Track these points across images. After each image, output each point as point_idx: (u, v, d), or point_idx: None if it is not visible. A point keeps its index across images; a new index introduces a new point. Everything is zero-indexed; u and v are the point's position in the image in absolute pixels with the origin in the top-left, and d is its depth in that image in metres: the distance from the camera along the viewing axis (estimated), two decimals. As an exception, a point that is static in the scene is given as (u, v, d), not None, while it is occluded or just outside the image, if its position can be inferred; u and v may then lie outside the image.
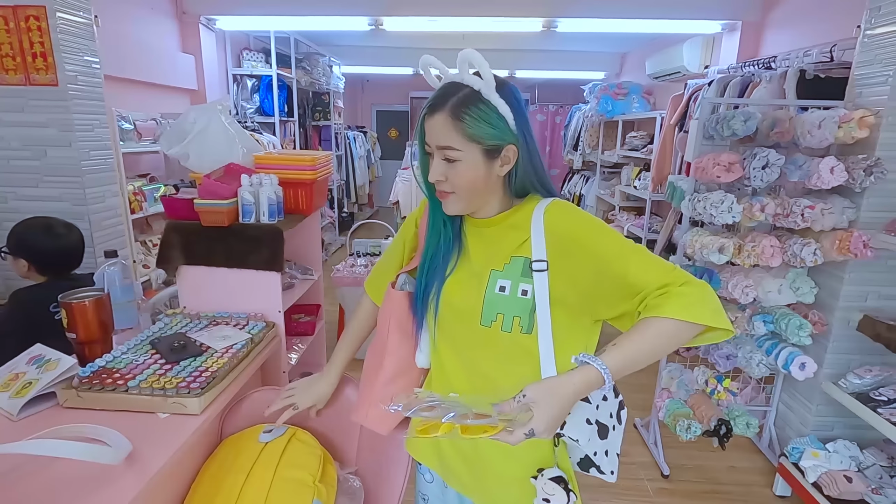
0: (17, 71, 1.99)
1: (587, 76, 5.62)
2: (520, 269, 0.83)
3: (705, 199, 1.94)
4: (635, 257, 0.76)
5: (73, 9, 2.03)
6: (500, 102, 0.77)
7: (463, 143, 0.78)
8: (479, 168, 0.80)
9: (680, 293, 0.72)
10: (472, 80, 0.77)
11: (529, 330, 0.82)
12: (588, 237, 0.79)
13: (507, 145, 0.80)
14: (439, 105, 0.78)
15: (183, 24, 3.57)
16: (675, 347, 0.75)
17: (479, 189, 0.82)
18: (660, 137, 3.56)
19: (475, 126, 0.77)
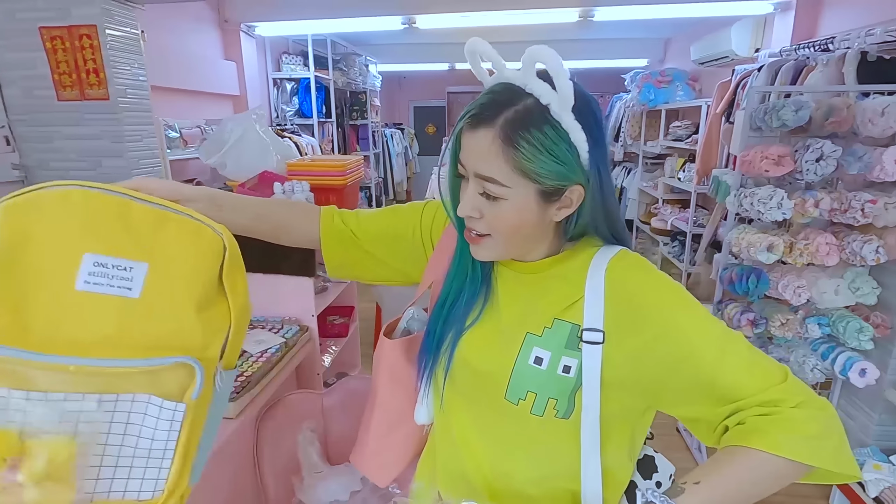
0: (73, 87, 2.12)
1: (628, 64, 5.41)
2: (564, 339, 0.62)
3: (752, 194, 1.83)
4: (733, 353, 0.57)
5: (121, 25, 2.14)
6: (573, 127, 0.55)
7: (512, 177, 0.57)
8: (528, 212, 0.59)
9: (792, 419, 0.54)
10: (540, 88, 0.55)
11: (567, 414, 0.62)
12: (669, 314, 0.59)
13: (572, 186, 0.59)
14: (487, 117, 0.56)
15: (225, 33, 3.70)
16: (776, 489, 0.55)
17: (524, 235, 0.63)
18: (705, 127, 3.39)
19: (534, 157, 0.55)
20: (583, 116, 0.56)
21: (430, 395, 0.76)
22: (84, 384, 0.49)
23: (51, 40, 2.06)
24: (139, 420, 0.51)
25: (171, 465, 0.53)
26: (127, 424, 0.51)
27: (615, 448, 0.65)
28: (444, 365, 0.70)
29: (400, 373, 0.78)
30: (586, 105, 0.57)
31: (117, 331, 0.49)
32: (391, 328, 0.80)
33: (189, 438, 0.53)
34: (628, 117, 5.12)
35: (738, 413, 0.56)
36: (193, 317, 0.53)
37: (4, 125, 2.18)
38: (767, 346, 2.01)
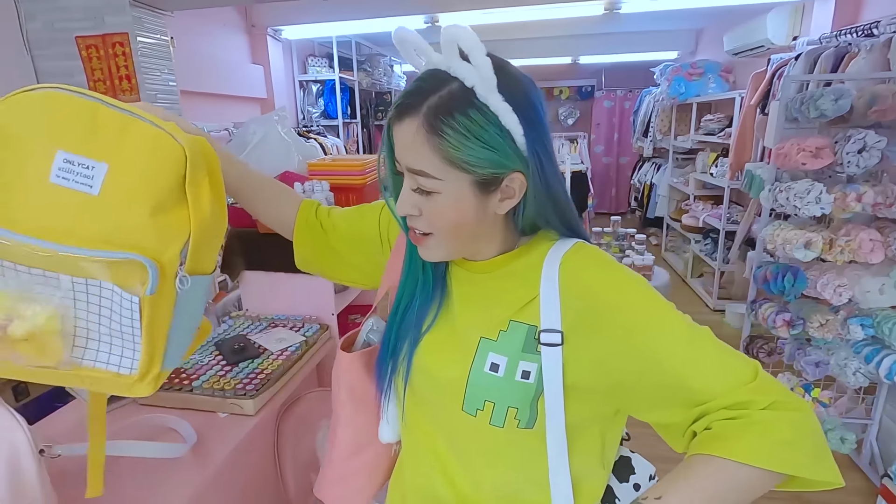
0: (108, 93, 2.20)
1: (658, 57, 5.26)
2: (521, 342, 0.57)
3: (788, 188, 1.75)
4: (699, 351, 0.53)
5: (151, 32, 2.22)
6: (502, 108, 0.51)
7: (443, 169, 0.52)
8: (466, 205, 0.55)
9: (761, 422, 0.49)
10: (464, 70, 0.51)
11: (531, 424, 0.57)
12: (630, 313, 0.54)
13: (510, 173, 0.54)
14: (411, 105, 0.52)
15: (252, 37, 3.79)
16: (749, 501, 0.51)
17: (467, 232, 0.57)
18: (739, 120, 3.26)
19: (462, 145, 0.51)
20: (513, 97, 0.52)
21: (393, 411, 0.71)
22: (58, 265, 0.54)
23: (86, 49, 2.15)
24: (108, 304, 0.56)
25: (140, 349, 0.58)
26: (99, 306, 0.56)
27: (585, 455, 0.61)
28: (402, 376, 0.66)
29: (361, 389, 0.71)
30: (517, 84, 0.53)
31: (77, 223, 0.54)
32: (350, 341, 0.74)
33: (152, 331, 0.57)
34: (658, 112, 4.98)
35: (705, 417, 0.52)
36: (147, 219, 0.55)
37: (45, 131, 2.28)
38: (805, 347, 1.92)
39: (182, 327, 0.61)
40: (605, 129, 7.12)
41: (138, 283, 0.55)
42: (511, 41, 5.02)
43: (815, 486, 0.51)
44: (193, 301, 0.62)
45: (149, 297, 0.55)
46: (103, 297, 0.56)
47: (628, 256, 3.06)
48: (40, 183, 0.53)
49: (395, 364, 0.66)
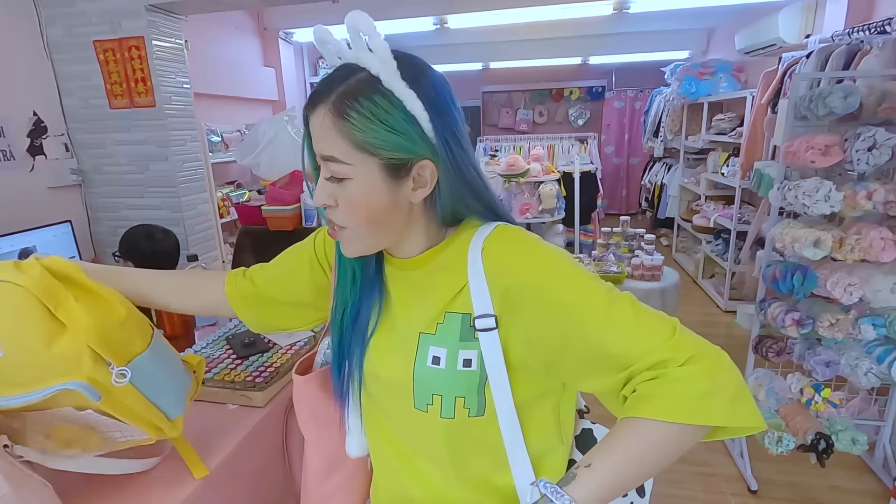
0: (124, 96, 2.26)
1: (669, 57, 5.23)
2: (457, 331, 0.58)
3: (797, 187, 1.73)
4: (617, 316, 0.53)
5: (166, 36, 2.27)
6: (406, 95, 0.52)
7: (350, 152, 0.53)
8: (378, 191, 0.55)
9: (678, 378, 0.50)
10: (369, 59, 0.52)
11: (481, 411, 0.58)
12: (548, 288, 0.55)
13: (418, 160, 0.55)
14: (322, 93, 0.54)
15: (264, 40, 3.85)
16: (679, 455, 0.52)
17: (381, 221, 0.57)
18: (750, 119, 3.24)
19: (366, 128, 0.52)
20: (419, 85, 0.53)
21: (356, 423, 0.71)
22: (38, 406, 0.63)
23: (104, 52, 2.21)
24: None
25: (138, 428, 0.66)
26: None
27: (541, 433, 0.61)
28: (357, 385, 0.66)
29: (322, 409, 0.71)
30: (422, 73, 0.55)
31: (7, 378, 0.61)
32: (307, 364, 0.74)
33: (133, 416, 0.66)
34: (668, 112, 4.95)
35: (632, 380, 0.52)
36: (45, 353, 0.60)
37: (64, 133, 2.35)
38: (815, 347, 1.90)
39: (163, 389, 0.68)
40: (616, 129, 7.09)
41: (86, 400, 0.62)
42: (520, 42, 5.04)
43: (737, 433, 0.52)
44: (155, 370, 0.68)
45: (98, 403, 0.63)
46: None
47: (637, 256, 3.05)
48: None
49: (348, 374, 0.66)
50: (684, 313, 3.70)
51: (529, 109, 7.28)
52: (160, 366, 0.70)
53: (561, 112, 7.24)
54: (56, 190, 2.31)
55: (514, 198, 3.91)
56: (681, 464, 2.13)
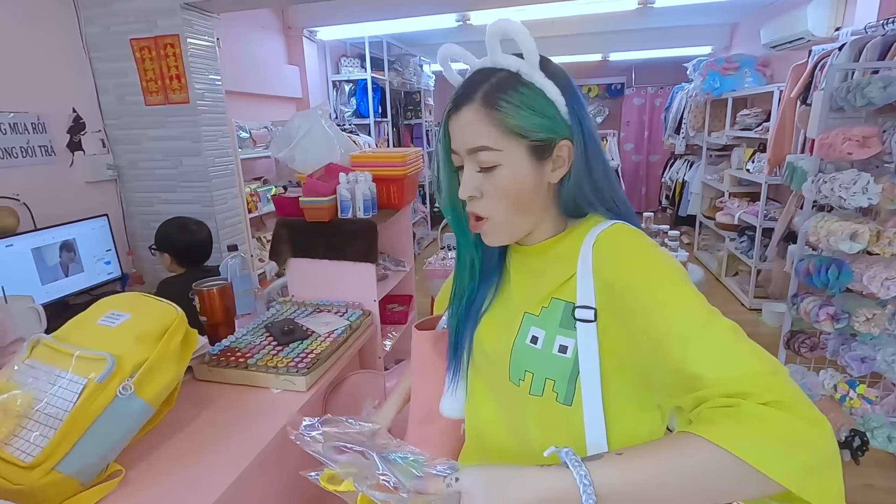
0: (159, 93, 2.31)
1: (691, 52, 5.17)
2: (559, 317, 0.60)
3: (833, 179, 1.71)
4: (710, 336, 0.49)
5: (200, 34, 2.32)
6: (546, 83, 0.58)
7: (502, 139, 0.58)
8: (525, 173, 0.59)
9: (756, 416, 0.43)
10: (506, 61, 0.60)
11: (569, 400, 0.59)
12: (644, 293, 0.53)
13: (560, 140, 0.60)
14: (466, 97, 0.60)
15: (288, 38, 3.90)
16: (723, 499, 0.44)
17: (525, 205, 0.61)
18: (778, 113, 3.19)
19: (517, 114, 0.58)
20: (553, 76, 0.59)
21: (459, 389, 0.75)
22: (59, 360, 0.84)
23: (140, 50, 2.27)
24: (59, 392, 0.79)
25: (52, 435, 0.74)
26: (52, 395, 0.79)
27: (626, 437, 0.59)
28: (466, 355, 0.72)
29: (429, 365, 0.80)
30: (553, 66, 0.61)
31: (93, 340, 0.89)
32: (429, 325, 0.82)
33: (72, 421, 0.75)
34: (690, 108, 4.90)
35: (702, 404, 0.47)
36: (131, 339, 0.88)
37: (100, 129, 2.41)
38: (850, 342, 1.87)
39: (94, 440, 0.78)
40: (635, 126, 7.02)
41: (93, 372, 0.79)
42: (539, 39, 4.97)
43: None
44: (118, 420, 0.81)
45: (93, 384, 0.78)
46: (60, 386, 0.79)
47: (661, 253, 3.03)
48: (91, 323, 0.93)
49: (459, 344, 0.72)
50: (708, 311, 3.67)
51: (547, 107, 7.25)
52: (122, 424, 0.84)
53: (579, 109, 7.20)
54: (93, 185, 2.38)
55: (536, 194, 3.91)
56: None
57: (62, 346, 0.85)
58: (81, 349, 0.84)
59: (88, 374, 0.80)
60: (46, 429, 0.75)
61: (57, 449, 0.74)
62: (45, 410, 0.77)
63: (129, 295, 1.02)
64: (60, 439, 0.74)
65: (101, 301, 1.00)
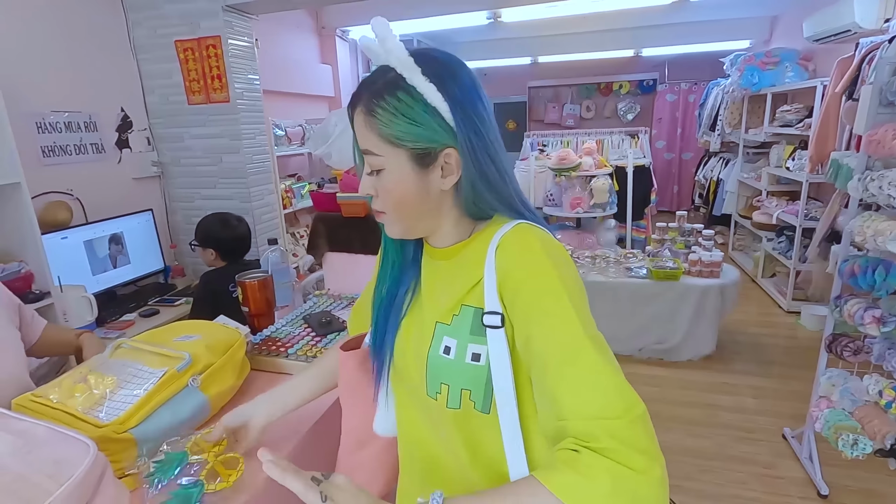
0: (201, 92, 2.40)
1: (728, 47, 5.02)
2: (468, 324, 0.59)
3: (881, 177, 1.65)
4: (577, 363, 0.51)
5: (240, 35, 2.40)
6: (427, 89, 0.56)
7: (381, 145, 0.58)
8: (406, 179, 0.59)
9: (589, 465, 0.46)
10: (396, 62, 0.57)
11: (486, 408, 0.59)
12: (535, 306, 0.54)
13: (442, 149, 0.58)
14: (357, 97, 0.59)
15: (322, 38, 3.98)
16: None
17: (413, 207, 0.61)
18: (821, 109, 3.08)
19: (391, 122, 0.56)
20: (439, 79, 0.56)
21: (388, 403, 0.74)
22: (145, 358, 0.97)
23: (183, 51, 2.36)
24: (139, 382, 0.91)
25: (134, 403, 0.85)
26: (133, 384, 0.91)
27: (546, 444, 0.57)
28: (387, 364, 0.70)
29: (357, 386, 0.76)
30: (443, 67, 0.57)
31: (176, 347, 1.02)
32: (355, 344, 0.79)
33: (150, 396, 0.87)
34: (727, 104, 4.76)
35: (562, 438, 0.50)
36: (203, 347, 1.03)
37: (146, 128, 2.52)
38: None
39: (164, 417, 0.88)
40: (668, 123, 6.87)
41: (172, 365, 0.94)
42: (570, 35, 4.97)
43: None
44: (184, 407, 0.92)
45: (172, 371, 0.92)
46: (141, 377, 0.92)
47: (695, 252, 2.97)
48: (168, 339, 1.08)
49: (381, 352, 0.70)
50: (743, 313, 3.57)
51: (577, 104, 7.17)
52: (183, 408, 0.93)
53: (609, 106, 7.09)
54: (139, 181, 2.49)
55: (565, 192, 3.88)
56: (743, 464, 2.07)
57: (146, 347, 1.00)
58: (165, 348, 1.00)
59: (168, 366, 0.94)
60: (125, 404, 0.85)
61: (133, 416, 0.83)
62: (125, 390, 0.88)
63: (198, 322, 1.20)
64: (137, 409, 0.84)
65: (174, 324, 1.16)
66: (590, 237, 3.90)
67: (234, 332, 1.15)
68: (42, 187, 2.03)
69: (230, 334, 1.14)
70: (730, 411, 2.45)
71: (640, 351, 2.98)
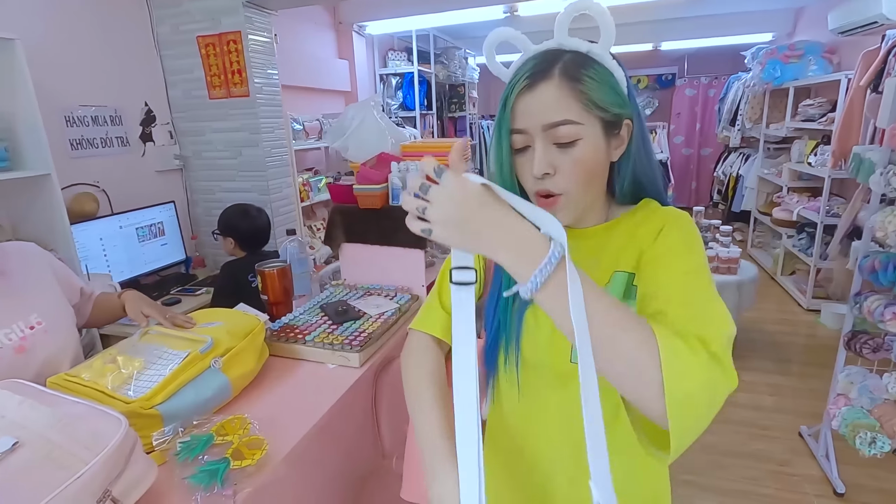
0: (221, 87, 2.45)
1: (749, 40, 4.93)
2: (622, 289, 0.63)
3: (904, 171, 1.62)
4: (692, 286, 0.56)
5: (259, 31, 2.44)
6: (614, 65, 0.61)
7: (583, 113, 0.59)
8: (600, 147, 0.61)
9: (688, 348, 0.48)
10: (575, 42, 0.61)
11: None
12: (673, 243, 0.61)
13: (626, 118, 0.62)
14: (543, 73, 0.59)
15: (339, 33, 4.01)
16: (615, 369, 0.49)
17: (597, 179, 0.63)
18: (845, 103, 3.01)
19: (599, 88, 0.59)
20: (615, 60, 0.62)
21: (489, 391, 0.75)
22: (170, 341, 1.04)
23: (205, 47, 2.41)
24: (164, 363, 0.96)
25: (161, 380, 0.90)
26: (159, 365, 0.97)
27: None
28: (514, 354, 0.70)
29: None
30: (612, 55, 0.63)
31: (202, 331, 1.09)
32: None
33: (175, 375, 0.92)
34: (747, 98, 4.68)
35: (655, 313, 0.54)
36: (224, 332, 1.08)
37: (169, 122, 2.59)
38: None
39: (187, 395, 0.92)
40: (687, 118, 6.77)
41: (195, 348, 0.99)
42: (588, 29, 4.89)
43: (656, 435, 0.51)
44: (206, 387, 0.96)
45: (195, 353, 0.98)
46: (166, 358, 0.97)
47: (712, 248, 2.94)
48: None
49: (497, 345, 0.71)
50: (761, 311, 3.52)
51: (594, 99, 7.11)
52: (205, 390, 0.97)
53: (627, 101, 7.01)
54: (162, 173, 2.56)
55: (580, 187, 3.86)
56: (758, 461, 2.06)
57: (171, 331, 1.07)
58: (189, 332, 1.07)
59: (191, 349, 1.00)
60: (151, 382, 0.90)
61: (158, 394, 0.88)
62: (151, 370, 0.94)
63: (219, 309, 1.27)
64: (163, 387, 0.89)
65: (197, 312, 1.22)
66: (605, 233, 3.88)
67: (254, 319, 1.20)
68: (70, 179, 2.10)
69: (250, 320, 1.19)
70: (745, 408, 2.44)
71: (654, 347, 2.96)
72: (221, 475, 0.75)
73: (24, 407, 0.71)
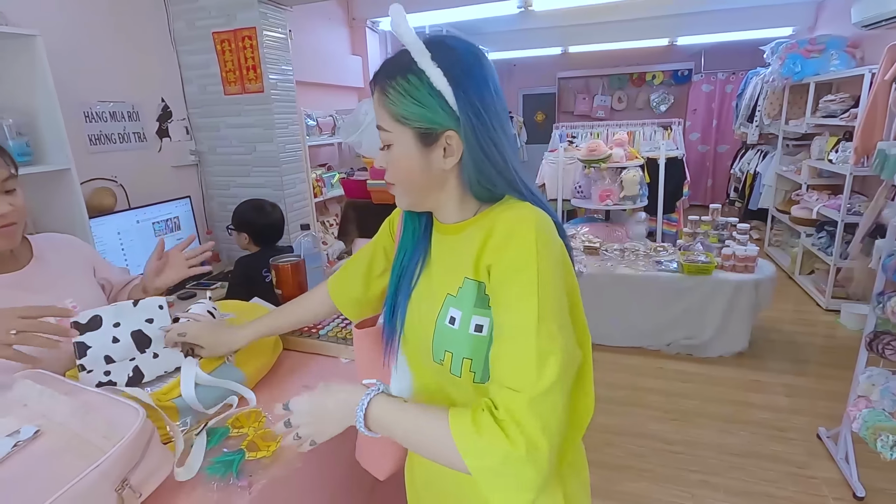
0: (237, 83, 2.47)
1: (768, 34, 4.83)
2: (473, 297, 0.63)
3: (932, 168, 1.57)
4: (517, 340, 0.57)
5: (274, 27, 2.44)
6: (433, 73, 0.59)
7: (391, 123, 0.63)
8: (412, 157, 0.63)
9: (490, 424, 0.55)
10: (407, 44, 0.61)
11: (485, 379, 0.63)
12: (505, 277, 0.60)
13: (444, 131, 0.62)
14: (376, 76, 0.64)
15: (352, 30, 4.02)
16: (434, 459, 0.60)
17: (417, 182, 0.66)
18: (868, 98, 2.94)
19: (399, 102, 0.61)
20: (446, 64, 0.60)
21: (400, 371, 0.77)
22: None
23: (220, 43, 2.42)
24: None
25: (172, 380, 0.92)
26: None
27: None
28: (399, 326, 0.74)
29: (372, 361, 0.81)
30: (451, 52, 0.61)
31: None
32: (370, 322, 0.85)
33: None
34: (766, 94, 4.59)
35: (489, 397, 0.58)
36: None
37: (185, 117, 2.61)
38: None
39: (203, 393, 0.91)
40: (703, 115, 6.67)
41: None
42: (602, 24, 4.86)
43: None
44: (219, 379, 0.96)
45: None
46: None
47: (728, 247, 2.89)
48: None
49: (393, 320, 0.75)
50: (778, 311, 3.46)
51: (608, 95, 7.03)
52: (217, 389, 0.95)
53: (642, 97, 6.93)
54: (178, 168, 2.58)
55: (594, 184, 3.83)
56: (775, 463, 2.02)
57: None
58: None
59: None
60: (168, 376, 0.94)
61: (175, 388, 0.89)
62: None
63: (234, 302, 1.30)
64: (175, 383, 0.90)
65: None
66: (619, 230, 3.84)
67: (266, 311, 1.20)
68: (89, 174, 2.13)
69: (263, 313, 1.18)
70: (762, 409, 2.39)
71: (668, 346, 2.93)
72: (237, 466, 0.76)
73: (45, 396, 0.72)
